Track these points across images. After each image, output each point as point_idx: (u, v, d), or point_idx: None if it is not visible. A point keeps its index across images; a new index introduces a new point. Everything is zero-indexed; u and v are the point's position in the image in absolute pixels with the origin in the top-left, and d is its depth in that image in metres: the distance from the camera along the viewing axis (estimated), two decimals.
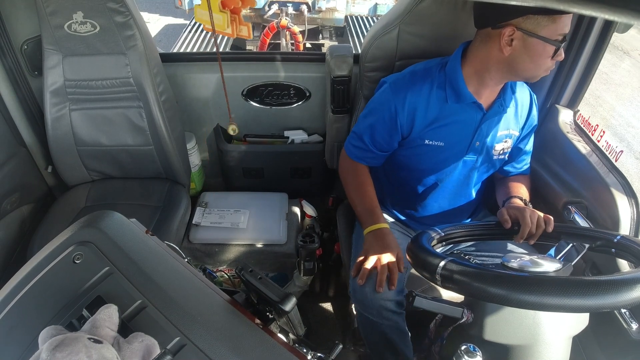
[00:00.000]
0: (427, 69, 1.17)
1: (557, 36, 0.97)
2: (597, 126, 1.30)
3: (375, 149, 1.24)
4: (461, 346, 0.80)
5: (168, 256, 0.72)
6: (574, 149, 1.27)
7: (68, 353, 0.47)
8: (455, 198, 1.30)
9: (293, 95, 1.86)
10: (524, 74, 1.06)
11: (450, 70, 1.13)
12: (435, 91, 1.14)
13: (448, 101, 1.14)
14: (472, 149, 1.19)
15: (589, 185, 1.17)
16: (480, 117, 1.15)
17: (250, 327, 0.62)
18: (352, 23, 4.27)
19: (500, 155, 1.24)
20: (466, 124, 1.16)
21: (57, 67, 1.49)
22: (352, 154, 1.29)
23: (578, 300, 0.63)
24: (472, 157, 1.21)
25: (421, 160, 1.22)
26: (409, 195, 1.32)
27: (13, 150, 1.56)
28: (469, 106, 1.14)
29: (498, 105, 1.15)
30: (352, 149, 1.28)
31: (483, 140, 1.18)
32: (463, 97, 1.12)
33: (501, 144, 1.21)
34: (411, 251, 0.85)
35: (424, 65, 1.19)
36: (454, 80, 1.12)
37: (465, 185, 1.28)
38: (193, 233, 1.72)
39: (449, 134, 1.17)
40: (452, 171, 1.23)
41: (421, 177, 1.26)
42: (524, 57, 1.01)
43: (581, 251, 0.89)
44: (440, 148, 1.18)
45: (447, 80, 1.14)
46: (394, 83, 1.19)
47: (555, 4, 0.28)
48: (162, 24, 6.33)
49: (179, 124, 1.75)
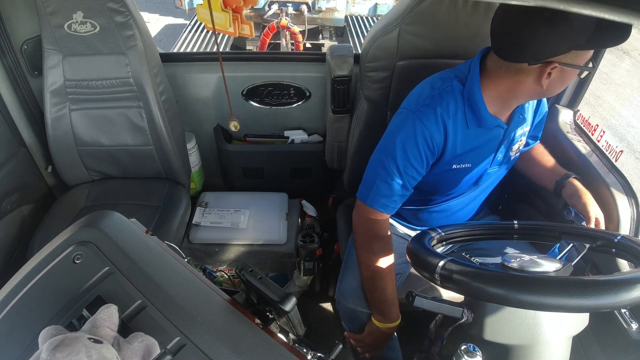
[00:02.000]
0: (448, 88, 1.05)
1: (588, 61, 0.94)
2: (597, 126, 1.29)
3: (400, 177, 1.06)
4: (461, 346, 0.80)
5: (168, 256, 0.72)
6: (574, 149, 1.26)
7: (68, 353, 0.47)
8: (471, 206, 1.29)
9: (293, 95, 1.86)
10: (551, 95, 1.03)
11: (469, 94, 1.03)
12: (458, 115, 1.05)
13: (469, 126, 1.06)
14: (496, 162, 1.16)
15: (589, 185, 1.17)
16: (502, 134, 1.10)
17: (250, 327, 0.62)
18: (352, 23, 4.27)
19: (516, 154, 1.22)
20: (490, 143, 1.11)
21: (57, 67, 1.49)
22: (372, 201, 1.09)
23: (578, 300, 0.62)
24: (495, 168, 1.18)
25: (448, 183, 1.17)
26: (425, 209, 1.29)
27: (13, 150, 1.56)
28: (492, 128, 1.09)
29: (518, 115, 1.10)
30: (376, 197, 1.09)
31: (505, 151, 1.16)
32: (485, 122, 1.06)
33: (517, 144, 1.19)
34: (411, 251, 0.84)
35: (442, 84, 1.06)
36: (474, 104, 1.03)
37: (483, 192, 1.27)
38: (193, 233, 1.72)
39: (475, 156, 1.11)
40: (475, 186, 1.21)
41: (443, 196, 1.22)
42: (559, 85, 0.98)
43: (581, 251, 0.89)
44: (467, 169, 1.13)
45: (466, 104, 1.04)
46: (419, 111, 1.04)
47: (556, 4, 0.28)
48: (162, 24, 6.33)
49: (179, 124, 1.75)
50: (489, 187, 1.29)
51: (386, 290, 1.12)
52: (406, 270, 1.30)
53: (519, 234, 1.00)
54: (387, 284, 1.12)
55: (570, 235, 0.93)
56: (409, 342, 1.30)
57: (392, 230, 1.34)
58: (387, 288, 1.12)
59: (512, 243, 1.29)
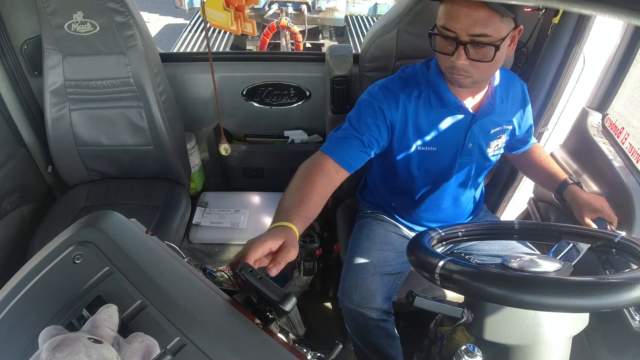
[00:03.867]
0: (414, 73, 1.14)
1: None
2: (622, 129, 1.29)
3: (356, 132, 1.07)
4: (461, 346, 0.80)
5: (168, 256, 0.72)
6: (599, 151, 1.26)
7: (68, 353, 0.47)
8: (455, 199, 1.30)
9: (293, 95, 1.86)
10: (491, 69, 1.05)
11: (432, 76, 1.10)
12: (422, 97, 1.11)
13: (433, 107, 1.11)
14: (466, 151, 1.18)
15: (607, 185, 1.17)
16: (469, 120, 1.13)
17: (250, 327, 0.62)
18: (352, 23, 4.27)
19: (495, 152, 1.23)
20: (456, 128, 1.14)
21: (57, 67, 1.49)
22: (325, 147, 1.08)
23: (577, 300, 0.62)
24: (467, 158, 1.20)
25: (417, 165, 1.20)
26: (409, 200, 1.31)
27: (13, 150, 1.56)
28: (457, 110, 1.12)
29: (487, 105, 1.13)
30: (327, 144, 1.09)
31: (476, 141, 1.17)
32: (447, 102, 1.10)
33: (495, 141, 1.21)
34: (411, 251, 0.84)
35: (411, 70, 1.15)
36: (436, 85, 1.10)
37: (464, 186, 1.28)
38: (193, 233, 1.72)
39: (441, 139, 1.15)
40: (449, 174, 1.22)
41: (419, 182, 1.25)
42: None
43: (582, 251, 0.89)
44: (434, 153, 1.16)
45: (430, 86, 1.11)
46: (385, 86, 1.13)
47: (556, 4, 0.28)
48: (162, 24, 6.33)
49: (179, 124, 1.75)
50: (475, 183, 1.30)
51: (299, 196, 0.97)
52: (405, 271, 1.30)
53: (519, 234, 0.99)
54: (303, 191, 0.98)
55: (570, 235, 0.93)
56: (409, 342, 1.30)
57: (393, 230, 1.35)
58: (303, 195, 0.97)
59: (512, 243, 1.29)
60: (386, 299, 1.20)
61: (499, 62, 0.99)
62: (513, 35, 0.97)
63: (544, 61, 1.41)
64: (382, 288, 1.20)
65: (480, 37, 0.92)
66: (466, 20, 0.90)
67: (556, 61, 1.37)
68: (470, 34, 0.92)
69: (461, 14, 0.90)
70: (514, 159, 1.42)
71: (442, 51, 0.98)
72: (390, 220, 1.38)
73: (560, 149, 1.47)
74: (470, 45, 0.93)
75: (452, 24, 0.92)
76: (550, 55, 1.37)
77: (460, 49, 0.94)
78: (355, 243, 1.32)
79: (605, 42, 1.33)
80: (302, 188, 0.98)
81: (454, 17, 0.92)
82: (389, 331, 1.21)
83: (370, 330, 1.21)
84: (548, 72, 1.40)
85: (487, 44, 0.92)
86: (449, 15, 0.93)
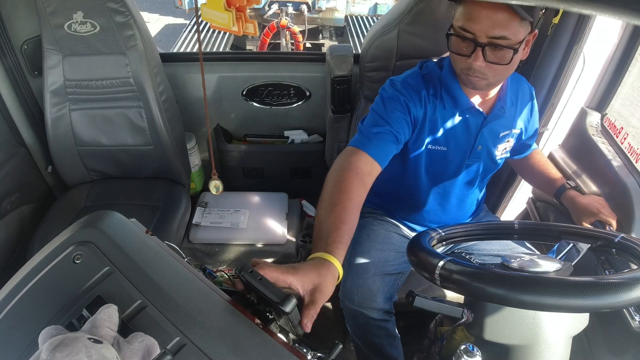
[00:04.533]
0: (429, 71, 1.13)
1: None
2: (621, 129, 1.29)
3: (389, 125, 1.02)
4: (461, 346, 0.79)
5: (168, 256, 0.72)
6: (598, 151, 1.26)
7: (68, 353, 0.47)
8: (460, 201, 1.29)
9: (293, 95, 1.86)
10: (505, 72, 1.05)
11: (445, 76, 1.10)
12: (437, 96, 1.11)
13: (446, 107, 1.11)
14: (475, 153, 1.18)
15: (607, 185, 1.17)
16: (480, 122, 1.13)
17: (250, 327, 0.62)
18: (352, 23, 4.27)
19: (502, 155, 1.23)
20: (468, 129, 1.14)
21: (57, 67, 1.49)
22: (357, 142, 1.01)
23: (577, 300, 0.62)
24: (475, 160, 1.20)
25: (425, 165, 1.19)
26: (414, 201, 1.30)
27: (13, 150, 1.56)
28: (469, 111, 1.12)
29: (498, 108, 1.13)
30: (358, 138, 1.03)
31: (485, 144, 1.17)
32: (460, 103, 1.10)
33: (503, 144, 1.21)
34: (411, 251, 0.84)
35: (427, 67, 1.14)
36: (449, 85, 1.09)
37: (469, 188, 1.27)
38: (193, 233, 1.72)
39: (452, 139, 1.14)
40: (456, 175, 1.22)
41: (426, 182, 1.24)
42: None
43: (581, 251, 0.89)
44: (443, 153, 1.16)
45: (443, 86, 1.10)
46: (406, 81, 1.10)
47: (556, 4, 0.28)
48: (162, 24, 6.33)
49: (179, 124, 1.75)
50: (480, 185, 1.29)
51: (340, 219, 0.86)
52: (406, 270, 1.30)
53: (519, 234, 0.99)
54: (341, 214, 0.87)
55: (570, 235, 0.93)
56: (409, 342, 1.30)
57: (394, 230, 1.35)
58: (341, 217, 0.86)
59: (513, 243, 1.29)
60: (387, 299, 1.20)
61: (514, 66, 0.99)
62: (528, 39, 0.97)
63: (544, 61, 1.41)
64: (383, 288, 1.20)
65: (500, 39, 0.91)
66: (486, 22, 0.90)
67: (556, 61, 1.37)
68: (489, 35, 0.91)
69: (481, 15, 0.90)
70: (514, 163, 1.42)
71: (459, 52, 0.98)
72: (391, 220, 1.37)
73: (559, 149, 1.47)
74: (488, 47, 0.93)
75: (472, 25, 0.92)
76: (550, 55, 1.37)
77: (478, 50, 0.94)
78: (356, 243, 1.32)
79: (604, 42, 1.33)
80: (338, 204, 0.88)
81: (473, 19, 0.91)
82: (389, 331, 1.21)
83: (371, 330, 1.21)
84: (548, 72, 1.40)
85: (506, 47, 0.92)
86: (469, 16, 0.92)
